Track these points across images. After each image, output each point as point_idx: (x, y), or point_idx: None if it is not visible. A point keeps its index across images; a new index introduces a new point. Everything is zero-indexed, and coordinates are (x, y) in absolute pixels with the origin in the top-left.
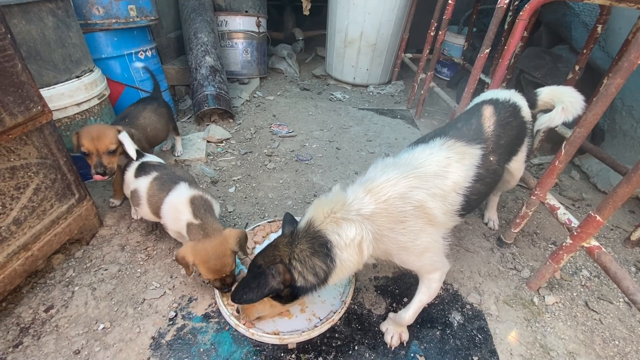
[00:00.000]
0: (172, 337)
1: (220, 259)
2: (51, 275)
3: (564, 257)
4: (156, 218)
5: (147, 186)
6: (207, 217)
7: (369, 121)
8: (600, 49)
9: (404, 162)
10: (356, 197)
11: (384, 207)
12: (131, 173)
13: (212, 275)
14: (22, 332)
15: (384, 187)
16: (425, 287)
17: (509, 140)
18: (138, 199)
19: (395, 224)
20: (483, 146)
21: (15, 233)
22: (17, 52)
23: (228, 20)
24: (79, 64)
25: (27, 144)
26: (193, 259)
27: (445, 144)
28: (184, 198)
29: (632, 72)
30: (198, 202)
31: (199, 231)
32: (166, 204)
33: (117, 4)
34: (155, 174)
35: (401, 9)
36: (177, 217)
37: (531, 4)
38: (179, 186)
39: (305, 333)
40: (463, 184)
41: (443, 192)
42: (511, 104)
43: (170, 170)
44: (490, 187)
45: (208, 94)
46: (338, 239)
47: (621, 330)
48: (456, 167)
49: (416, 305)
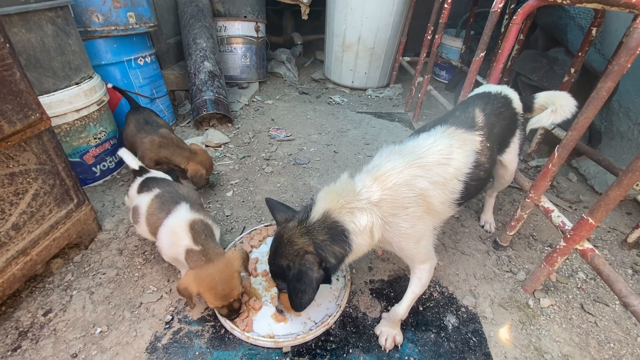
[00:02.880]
0: (169, 340)
1: (228, 282)
2: (50, 280)
3: (558, 259)
4: (154, 238)
5: (147, 204)
6: (208, 242)
7: (366, 124)
8: (596, 51)
9: (409, 150)
10: (364, 185)
11: (389, 193)
12: (134, 189)
13: (220, 302)
14: (20, 336)
15: (390, 174)
16: (417, 279)
17: (501, 130)
18: (138, 216)
19: (399, 210)
20: (481, 132)
21: (14, 238)
22: (16, 60)
23: (227, 25)
24: (78, 71)
25: (26, 151)
26: (197, 288)
27: (446, 131)
28: (183, 222)
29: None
30: (199, 227)
31: (200, 258)
32: (164, 227)
33: (117, 11)
34: (157, 191)
35: (398, 13)
36: (174, 242)
37: (524, 7)
38: (179, 207)
39: (300, 337)
40: (464, 170)
41: (444, 179)
42: (502, 95)
43: (173, 187)
44: (488, 174)
45: (207, 99)
46: (354, 227)
47: (617, 332)
48: (458, 154)
49: (409, 297)
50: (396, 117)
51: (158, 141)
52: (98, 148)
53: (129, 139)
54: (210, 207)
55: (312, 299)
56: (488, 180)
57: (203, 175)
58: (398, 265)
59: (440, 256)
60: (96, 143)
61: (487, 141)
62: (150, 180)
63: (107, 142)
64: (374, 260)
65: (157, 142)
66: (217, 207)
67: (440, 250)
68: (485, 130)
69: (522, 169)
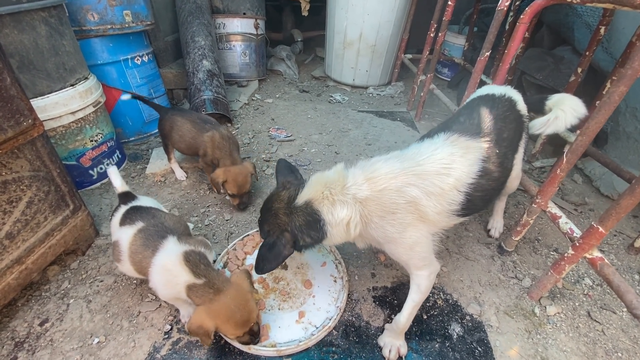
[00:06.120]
0: (168, 351)
1: (245, 308)
2: (46, 287)
3: (565, 267)
4: (141, 276)
5: (129, 240)
6: (209, 272)
7: (368, 124)
8: (603, 50)
9: (409, 157)
10: (355, 182)
11: (378, 195)
12: (117, 220)
13: (241, 330)
14: (16, 347)
15: (383, 178)
16: (416, 285)
17: (510, 134)
18: (119, 253)
19: (385, 213)
20: (487, 139)
21: (8, 247)
22: (6, 65)
23: (226, 22)
24: (73, 72)
25: (19, 158)
26: (214, 322)
27: (449, 139)
28: (175, 257)
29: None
30: (194, 259)
31: (207, 291)
32: (155, 266)
33: (112, 10)
34: (140, 224)
35: (401, 9)
36: (170, 281)
37: (532, 6)
38: (166, 242)
39: (303, 343)
40: (466, 180)
41: (441, 190)
42: (507, 98)
43: (158, 220)
44: (499, 182)
45: (205, 99)
46: (331, 218)
47: (624, 341)
48: (460, 163)
49: (410, 306)
50: (398, 116)
51: (218, 139)
52: (95, 150)
53: (187, 140)
54: (210, 211)
55: (274, 269)
56: (499, 190)
57: (219, 184)
58: (401, 272)
59: (445, 262)
60: (93, 145)
61: (496, 147)
62: (134, 210)
63: (104, 144)
64: (377, 267)
65: (216, 140)
66: (216, 211)
67: (445, 256)
68: (493, 136)
69: (526, 170)
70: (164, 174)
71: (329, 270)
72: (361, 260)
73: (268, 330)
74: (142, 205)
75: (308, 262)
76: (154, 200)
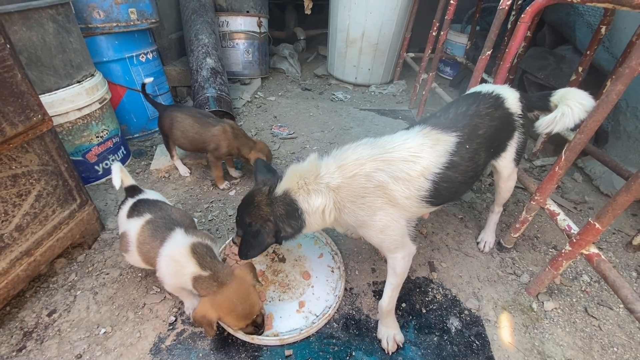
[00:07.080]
0: (172, 342)
1: (247, 301)
2: (54, 280)
3: (563, 263)
4: (148, 266)
5: (137, 231)
6: (215, 265)
7: (370, 122)
8: (604, 49)
9: (380, 144)
10: (328, 170)
11: (349, 182)
12: (124, 212)
13: (244, 322)
14: (25, 336)
15: (353, 164)
16: (391, 269)
17: (490, 132)
18: (127, 244)
19: (356, 198)
20: (458, 134)
21: (17, 239)
22: (16, 61)
23: (229, 20)
24: (80, 69)
25: (29, 152)
26: (217, 314)
27: (422, 131)
28: (183, 248)
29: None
30: (201, 251)
31: (211, 283)
32: (163, 257)
33: (118, 8)
34: (148, 216)
35: (403, 8)
36: (178, 271)
37: (533, 5)
38: (174, 233)
39: (304, 331)
40: (433, 169)
41: (409, 176)
42: (493, 95)
43: (165, 212)
44: (467, 176)
45: (209, 96)
46: (307, 207)
47: (620, 336)
48: (428, 153)
49: (388, 289)
50: (400, 115)
51: (231, 130)
52: (100, 146)
53: (190, 136)
54: (213, 207)
55: (256, 255)
56: (468, 183)
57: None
58: None
59: (444, 257)
60: (98, 141)
61: (467, 143)
62: (141, 203)
63: (109, 140)
64: (377, 262)
65: (230, 132)
66: (219, 207)
67: (444, 252)
68: (466, 132)
69: (527, 169)
70: (168, 170)
71: (326, 261)
72: (362, 256)
73: (271, 319)
74: (149, 198)
75: (305, 255)
76: (159, 194)
